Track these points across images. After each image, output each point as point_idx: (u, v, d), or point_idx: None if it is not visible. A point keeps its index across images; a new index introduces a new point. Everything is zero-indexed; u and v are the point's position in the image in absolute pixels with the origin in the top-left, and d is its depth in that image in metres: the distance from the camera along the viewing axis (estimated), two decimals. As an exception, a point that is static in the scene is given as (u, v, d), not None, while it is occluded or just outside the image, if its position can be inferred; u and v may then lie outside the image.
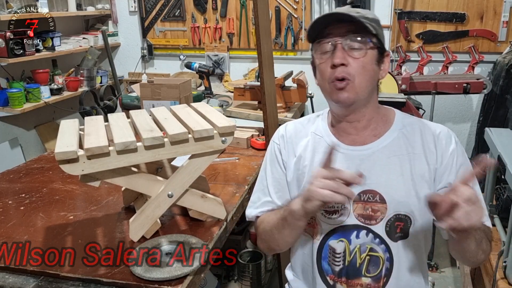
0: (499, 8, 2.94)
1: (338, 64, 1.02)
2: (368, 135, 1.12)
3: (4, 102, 2.88)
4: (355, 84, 1.03)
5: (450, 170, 1.09)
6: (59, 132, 1.15)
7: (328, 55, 1.05)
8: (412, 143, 1.10)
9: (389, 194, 1.07)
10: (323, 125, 1.18)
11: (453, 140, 1.12)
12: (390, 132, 1.12)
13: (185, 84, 2.21)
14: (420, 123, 1.14)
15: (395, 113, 1.17)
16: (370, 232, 1.09)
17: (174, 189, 1.17)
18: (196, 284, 1.09)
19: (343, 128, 1.13)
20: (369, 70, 1.05)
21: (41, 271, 1.07)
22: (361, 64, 1.03)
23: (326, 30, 1.05)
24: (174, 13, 3.61)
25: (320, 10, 3.26)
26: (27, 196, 1.50)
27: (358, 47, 1.03)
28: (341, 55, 1.02)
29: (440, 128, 1.13)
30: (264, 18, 1.65)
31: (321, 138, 1.16)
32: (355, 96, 1.04)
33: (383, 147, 1.10)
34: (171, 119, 1.23)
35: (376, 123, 1.12)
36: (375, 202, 1.08)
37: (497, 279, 1.30)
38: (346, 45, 1.03)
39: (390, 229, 1.09)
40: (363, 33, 1.03)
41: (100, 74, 3.66)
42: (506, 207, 1.46)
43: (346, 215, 1.10)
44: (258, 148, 1.96)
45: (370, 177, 1.07)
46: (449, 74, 3.03)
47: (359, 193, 1.08)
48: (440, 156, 1.09)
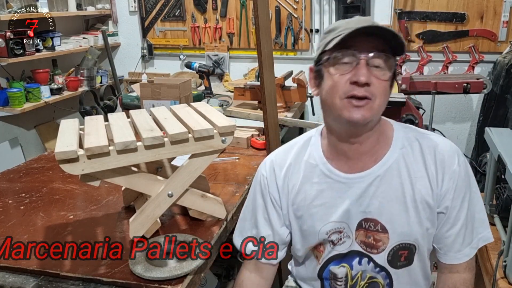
0: (499, 8, 2.93)
1: (363, 82, 0.91)
2: (368, 160, 1.03)
3: (4, 102, 2.88)
4: (374, 105, 0.94)
5: (448, 193, 1.02)
6: (59, 131, 1.15)
7: (347, 69, 0.94)
8: (413, 165, 1.02)
9: (391, 224, 1.02)
10: (316, 151, 1.09)
11: (456, 160, 1.02)
12: (389, 153, 1.03)
13: (185, 84, 2.21)
14: (420, 140, 1.05)
15: (393, 128, 1.07)
16: (371, 260, 1.06)
17: (174, 188, 1.17)
18: (196, 283, 1.09)
19: (343, 151, 1.04)
20: (387, 94, 0.97)
21: (41, 271, 1.07)
22: (384, 85, 0.95)
23: (348, 41, 0.93)
24: (174, 13, 3.61)
25: (320, 10, 3.26)
26: (27, 196, 1.50)
27: (384, 67, 0.94)
28: (366, 73, 0.92)
29: (442, 146, 1.03)
30: (264, 18, 1.65)
31: (316, 166, 1.07)
32: (371, 117, 0.95)
33: (384, 172, 1.02)
34: (171, 118, 1.23)
35: (378, 145, 1.03)
36: (376, 232, 1.03)
37: (497, 278, 1.30)
38: (372, 63, 0.93)
39: (393, 258, 1.05)
40: (389, 52, 0.94)
41: (100, 74, 3.66)
42: (506, 207, 1.46)
43: (349, 244, 1.06)
44: (258, 147, 1.96)
45: (371, 205, 1.02)
46: (449, 74, 3.03)
47: (361, 220, 1.04)
48: (441, 179, 1.01)
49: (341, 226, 1.05)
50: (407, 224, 1.02)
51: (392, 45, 0.94)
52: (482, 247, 1.57)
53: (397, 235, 1.03)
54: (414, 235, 1.03)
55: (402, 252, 1.05)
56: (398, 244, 1.04)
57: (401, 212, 1.02)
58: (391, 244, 1.03)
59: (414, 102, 2.58)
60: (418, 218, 1.02)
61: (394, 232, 1.02)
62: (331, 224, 1.06)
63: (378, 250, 1.04)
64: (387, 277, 1.07)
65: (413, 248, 1.05)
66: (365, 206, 1.03)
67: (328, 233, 1.06)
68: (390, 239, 1.03)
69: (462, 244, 1.05)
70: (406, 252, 1.05)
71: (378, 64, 0.94)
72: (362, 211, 1.03)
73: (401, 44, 0.94)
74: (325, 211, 1.06)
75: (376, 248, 1.04)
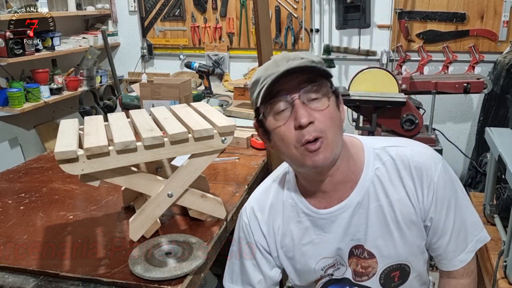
0: (499, 8, 2.94)
1: (306, 123, 0.86)
2: (344, 189, 0.99)
3: (3, 102, 2.88)
4: (329, 141, 0.89)
5: (431, 206, 0.98)
6: (59, 131, 1.15)
7: (286, 116, 0.89)
8: (390, 186, 0.97)
9: (377, 248, 0.99)
10: (293, 189, 1.04)
11: (433, 170, 0.96)
12: (364, 177, 0.98)
13: (185, 83, 2.21)
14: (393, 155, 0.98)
15: (363, 147, 1.01)
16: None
17: (174, 188, 1.17)
18: (196, 283, 1.09)
19: (318, 188, 0.99)
20: (336, 120, 0.91)
21: (40, 271, 1.07)
22: (328, 115, 0.89)
23: (274, 87, 0.88)
24: (174, 13, 3.61)
25: (320, 10, 3.26)
26: (26, 196, 1.50)
27: (319, 97, 0.89)
28: (305, 112, 0.87)
29: (416, 157, 0.97)
30: (264, 18, 1.65)
31: (296, 206, 1.03)
32: (332, 154, 0.90)
33: (362, 198, 0.98)
34: (171, 118, 1.23)
35: (350, 172, 0.98)
36: (364, 259, 1.01)
37: (498, 278, 1.29)
38: (305, 99, 0.88)
39: (386, 281, 1.03)
40: (318, 79, 0.89)
41: (100, 74, 3.66)
42: (507, 207, 1.45)
43: (343, 270, 1.04)
44: (258, 147, 1.96)
45: (356, 232, 1.00)
46: (450, 73, 3.03)
47: (352, 248, 1.01)
48: (421, 193, 0.97)
49: (334, 260, 1.04)
50: (393, 246, 0.99)
51: (319, 70, 0.90)
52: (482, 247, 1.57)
53: (384, 258, 1.01)
54: (403, 256, 1.00)
55: (395, 273, 1.03)
56: (388, 267, 1.02)
57: (385, 235, 0.99)
58: (380, 267, 1.02)
59: (414, 102, 2.58)
60: (404, 239, 0.99)
61: (382, 256, 1.00)
62: (325, 260, 1.05)
63: (369, 276, 1.03)
64: None
65: (405, 268, 1.02)
66: (352, 234, 1.01)
67: (323, 268, 1.05)
68: (379, 263, 1.01)
69: (455, 251, 1.02)
70: (398, 272, 1.03)
71: (313, 96, 0.89)
72: (351, 239, 1.01)
73: (321, 67, 0.89)
74: (315, 248, 1.03)
75: (366, 275, 1.03)
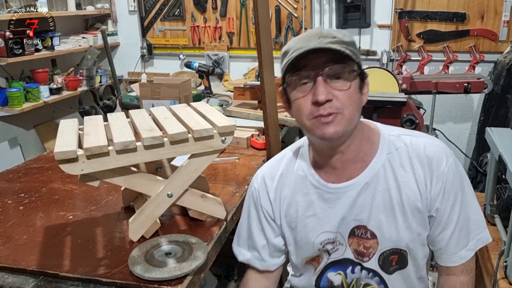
0: (499, 8, 2.93)
1: (323, 101, 0.90)
2: (354, 168, 1.02)
3: (3, 102, 2.88)
4: (344, 117, 0.92)
5: (438, 196, 1.00)
6: (59, 131, 1.14)
7: (307, 89, 0.93)
8: (400, 170, 1.00)
9: (380, 229, 1.02)
10: (305, 162, 1.09)
11: (444, 161, 0.99)
12: (376, 159, 1.01)
13: (184, 83, 2.21)
14: (407, 143, 1.02)
15: (379, 132, 1.05)
16: (363, 268, 1.06)
17: (173, 188, 1.17)
18: (196, 284, 1.09)
19: (327, 162, 1.03)
20: (355, 100, 0.94)
21: (40, 271, 1.06)
22: (348, 95, 0.92)
23: (301, 61, 0.91)
24: (174, 13, 3.61)
25: (320, 10, 3.26)
26: (26, 196, 1.49)
27: (342, 77, 0.91)
28: (324, 90, 0.90)
29: (429, 148, 1.01)
30: (264, 18, 1.64)
31: (305, 178, 1.07)
32: (344, 129, 0.93)
33: (371, 179, 1.01)
34: (170, 118, 1.23)
35: (362, 151, 1.02)
36: (366, 239, 1.03)
37: (498, 279, 1.29)
38: (328, 77, 0.91)
39: (384, 263, 1.05)
40: (345, 61, 0.91)
41: (100, 74, 3.66)
42: (507, 207, 1.45)
43: (343, 250, 1.07)
44: (258, 147, 1.96)
45: (361, 212, 1.02)
46: (450, 73, 3.03)
47: (353, 228, 1.04)
48: (430, 182, 0.99)
49: (334, 236, 1.06)
50: (395, 230, 1.01)
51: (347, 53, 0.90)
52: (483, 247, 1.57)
53: (386, 240, 1.02)
54: (403, 241, 1.02)
55: (393, 257, 1.04)
56: (388, 250, 1.03)
57: (389, 218, 1.01)
58: (380, 249, 1.03)
59: (415, 102, 2.58)
60: (407, 224, 1.01)
61: (383, 238, 1.02)
62: (324, 235, 1.06)
63: (369, 256, 1.05)
64: (381, 282, 1.07)
65: (404, 253, 1.04)
66: (356, 214, 1.03)
67: (322, 243, 1.07)
68: (380, 245, 1.03)
69: (457, 246, 1.04)
70: (396, 257, 1.04)
71: (336, 75, 0.91)
72: (354, 219, 1.03)
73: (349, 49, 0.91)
74: (317, 221, 1.06)
75: (367, 256, 1.05)
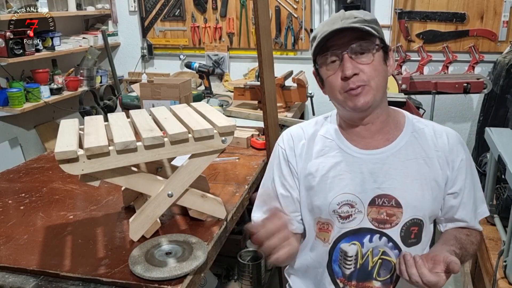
0: (499, 8, 2.94)
1: (350, 75, 1.01)
2: (381, 139, 1.11)
3: (4, 102, 2.88)
4: (372, 87, 1.03)
5: (458, 178, 1.10)
6: (59, 131, 1.15)
7: (336, 67, 1.04)
8: (424, 147, 1.10)
9: (405, 198, 1.06)
10: (333, 128, 1.16)
11: (464, 147, 1.12)
12: (402, 136, 1.11)
13: (185, 83, 2.21)
14: (431, 127, 1.14)
15: (405, 116, 1.16)
16: (384, 235, 1.07)
17: (174, 188, 1.17)
18: (196, 283, 1.09)
19: (356, 132, 1.12)
20: (381, 71, 1.05)
21: (41, 271, 1.07)
22: (373, 67, 1.03)
23: (328, 42, 1.03)
24: (174, 13, 3.61)
25: (320, 10, 3.26)
26: (27, 196, 1.50)
27: (366, 52, 1.02)
28: (350, 65, 1.01)
29: (450, 134, 1.13)
30: (264, 18, 1.65)
31: (332, 141, 1.14)
32: (373, 99, 1.04)
33: (397, 151, 1.09)
34: (171, 118, 1.23)
35: (389, 126, 1.12)
36: (390, 207, 1.07)
37: (497, 278, 1.30)
38: (353, 54, 1.02)
39: (405, 234, 1.08)
40: (367, 37, 1.02)
41: (100, 74, 3.66)
42: (507, 207, 1.46)
43: (360, 219, 1.08)
44: (258, 147, 1.96)
45: (385, 181, 1.07)
46: (449, 73, 3.03)
47: (374, 197, 1.07)
48: (452, 161, 1.10)
49: (353, 199, 1.08)
50: (421, 199, 1.07)
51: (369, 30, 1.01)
52: (482, 246, 1.58)
53: (410, 209, 1.07)
54: (424, 210, 1.08)
55: (413, 228, 1.08)
56: (410, 219, 1.07)
57: (414, 188, 1.07)
58: (404, 218, 1.07)
59: (414, 102, 2.58)
60: (430, 195, 1.08)
61: (408, 207, 1.06)
62: (343, 196, 1.08)
63: (392, 224, 1.07)
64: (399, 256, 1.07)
65: (421, 224, 1.09)
66: (380, 183, 1.07)
67: (339, 203, 1.08)
68: (404, 213, 1.07)
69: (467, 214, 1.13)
70: (416, 229, 1.08)
71: (360, 51, 1.02)
72: (377, 188, 1.07)
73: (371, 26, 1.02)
74: (339, 182, 1.09)
75: (390, 223, 1.07)
